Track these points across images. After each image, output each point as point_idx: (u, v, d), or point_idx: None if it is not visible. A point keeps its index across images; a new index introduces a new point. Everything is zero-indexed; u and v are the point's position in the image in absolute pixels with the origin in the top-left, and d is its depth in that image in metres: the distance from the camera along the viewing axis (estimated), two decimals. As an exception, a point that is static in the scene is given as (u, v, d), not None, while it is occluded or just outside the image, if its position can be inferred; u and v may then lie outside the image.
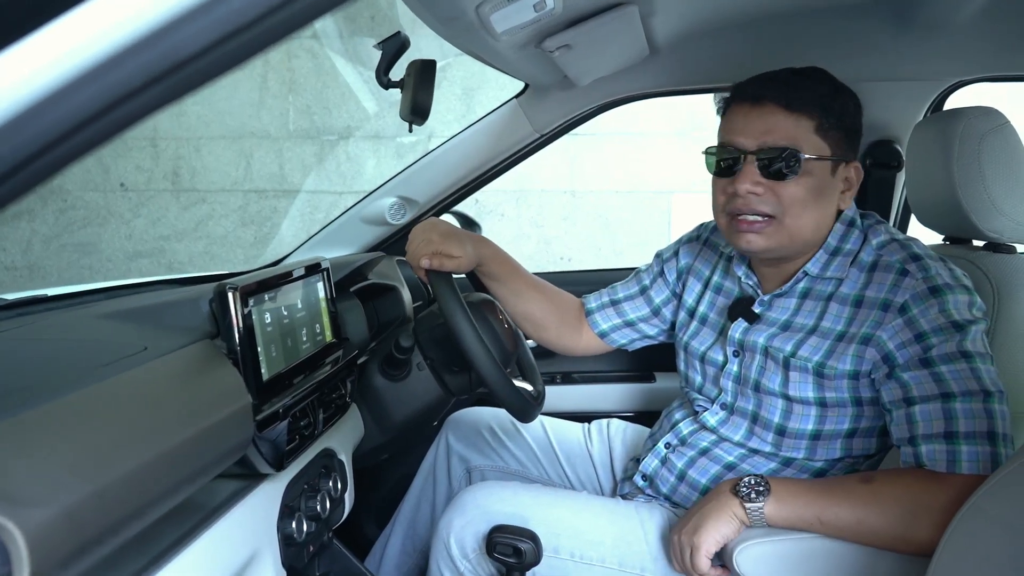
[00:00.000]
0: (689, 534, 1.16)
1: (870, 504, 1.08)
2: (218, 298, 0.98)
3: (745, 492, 1.13)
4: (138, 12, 0.38)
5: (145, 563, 0.82)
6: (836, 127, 1.22)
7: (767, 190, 1.21)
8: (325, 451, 1.25)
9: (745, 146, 1.22)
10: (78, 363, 0.81)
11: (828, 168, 1.22)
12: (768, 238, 1.23)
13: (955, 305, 1.13)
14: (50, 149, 0.39)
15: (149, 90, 0.38)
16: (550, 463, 1.66)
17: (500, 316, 1.47)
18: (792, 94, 1.21)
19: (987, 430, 1.08)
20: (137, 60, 0.37)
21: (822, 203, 1.23)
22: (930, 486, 1.08)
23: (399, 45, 1.22)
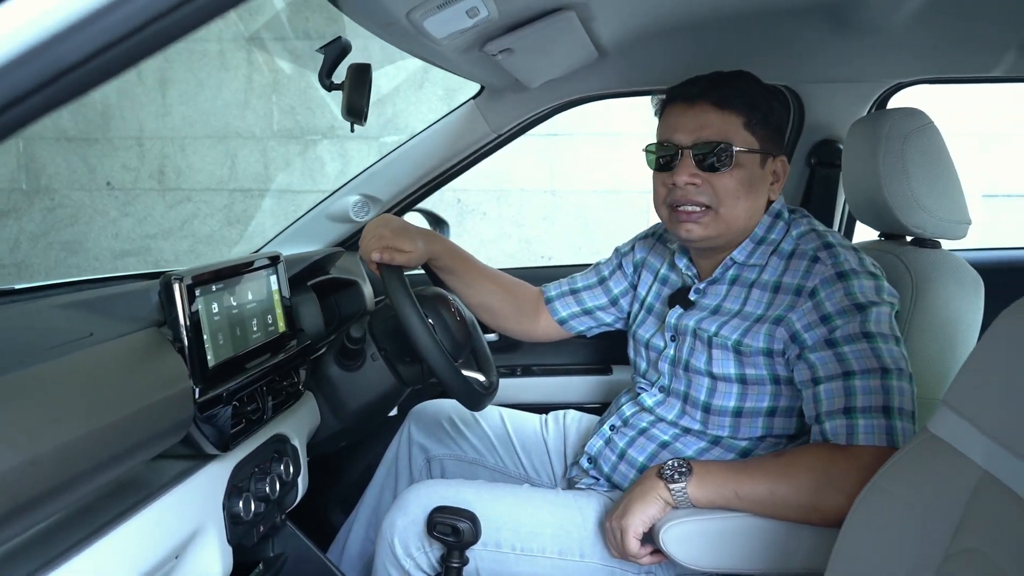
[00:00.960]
0: (618, 518, 1.23)
1: (781, 476, 1.16)
2: (164, 289, 1.04)
3: (669, 474, 1.20)
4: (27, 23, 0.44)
5: (87, 533, 0.88)
6: (762, 123, 1.31)
7: (704, 182, 1.30)
8: (277, 436, 1.31)
9: (682, 142, 1.31)
10: (25, 347, 0.87)
11: (757, 161, 1.32)
12: (706, 227, 1.31)
13: (860, 289, 1.21)
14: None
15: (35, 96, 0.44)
16: (506, 452, 1.73)
17: (452, 309, 1.53)
18: (722, 93, 1.30)
19: (883, 404, 1.15)
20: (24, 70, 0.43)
21: (753, 193, 1.32)
22: (835, 457, 1.16)
23: (340, 49, 1.28)
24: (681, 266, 1.46)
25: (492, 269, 1.64)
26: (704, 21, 1.57)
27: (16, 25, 0.43)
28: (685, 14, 1.53)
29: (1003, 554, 0.84)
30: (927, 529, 0.94)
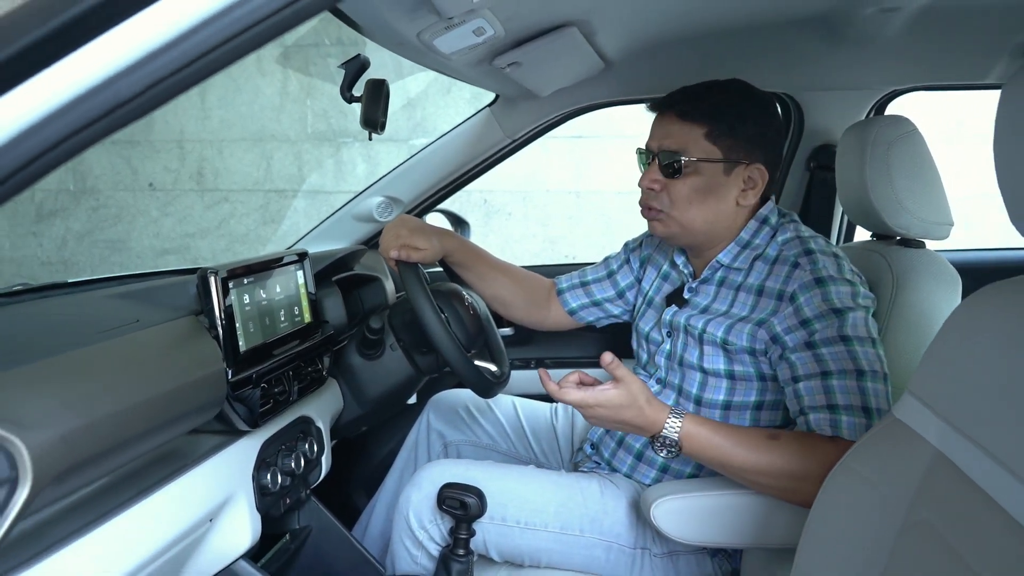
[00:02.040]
0: (595, 412, 1.25)
1: (769, 457, 1.23)
2: (201, 282, 1.17)
3: (657, 447, 1.27)
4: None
5: (133, 494, 1.01)
6: (728, 134, 1.38)
7: (662, 187, 1.40)
8: (302, 418, 1.43)
9: (652, 147, 1.43)
10: (81, 331, 1.00)
11: (720, 169, 1.39)
12: (665, 226, 1.44)
13: (837, 295, 1.29)
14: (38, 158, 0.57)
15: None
16: (518, 438, 1.84)
17: (466, 303, 1.64)
18: (685, 106, 1.39)
19: (861, 404, 1.23)
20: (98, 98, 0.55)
21: (711, 199, 1.40)
22: (824, 446, 1.22)
23: (359, 65, 1.40)
24: (679, 263, 1.55)
25: (504, 263, 1.75)
26: (704, 33, 1.66)
27: (86, 69, 0.55)
28: (687, 26, 1.62)
29: (948, 525, 0.92)
30: (886, 503, 1.03)
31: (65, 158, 0.58)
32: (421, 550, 1.45)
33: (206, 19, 0.58)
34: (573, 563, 1.43)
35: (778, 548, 1.27)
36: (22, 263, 4.78)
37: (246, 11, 0.59)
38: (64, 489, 0.85)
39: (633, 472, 1.50)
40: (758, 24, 1.65)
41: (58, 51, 0.54)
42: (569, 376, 1.27)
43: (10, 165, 0.53)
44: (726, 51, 1.75)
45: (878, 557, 1.01)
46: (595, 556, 1.42)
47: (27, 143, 0.54)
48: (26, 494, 0.73)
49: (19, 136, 0.54)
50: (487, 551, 1.44)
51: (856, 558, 1.03)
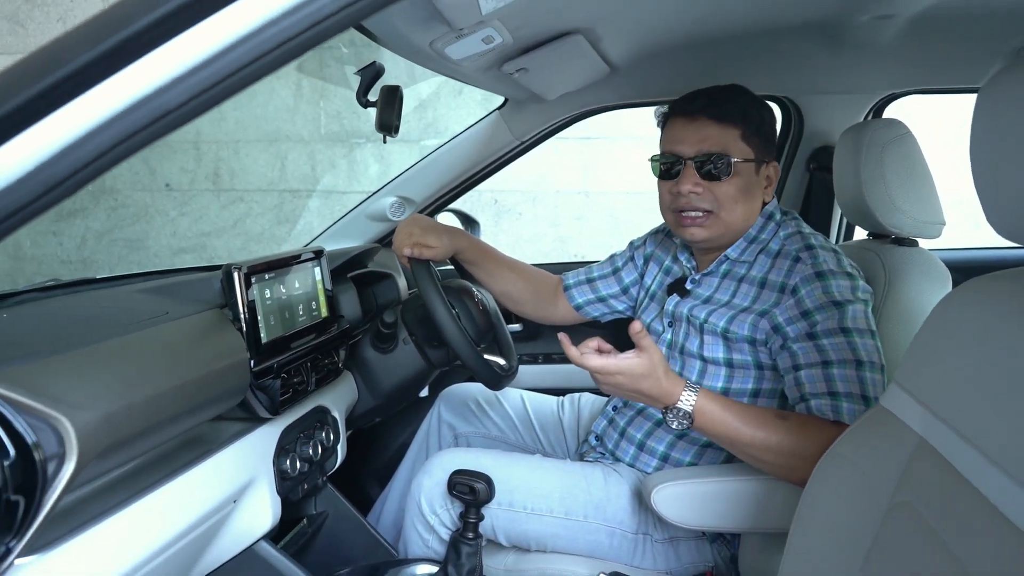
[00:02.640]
0: (614, 380, 1.25)
1: (778, 435, 1.26)
2: (225, 277, 1.24)
3: (670, 419, 1.29)
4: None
5: (162, 475, 1.08)
6: (756, 134, 1.46)
7: (705, 190, 1.45)
8: (319, 407, 1.51)
9: (684, 153, 1.46)
10: (116, 322, 1.08)
11: (753, 168, 1.46)
12: (707, 229, 1.47)
13: (837, 288, 1.35)
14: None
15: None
16: (526, 429, 1.90)
17: (476, 300, 1.71)
18: (720, 108, 1.45)
19: (860, 393, 1.29)
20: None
21: (750, 198, 1.47)
22: (827, 429, 1.24)
23: (375, 72, 1.47)
24: (683, 259, 1.61)
25: (513, 260, 1.82)
26: (707, 39, 1.71)
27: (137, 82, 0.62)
28: (689, 33, 1.68)
29: (929, 508, 0.97)
30: (872, 487, 1.08)
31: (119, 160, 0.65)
32: (432, 534, 1.51)
33: (239, 39, 0.65)
34: (577, 548, 1.49)
35: (773, 533, 1.33)
36: (43, 261, 4.87)
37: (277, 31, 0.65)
38: (105, 466, 0.92)
39: (635, 462, 1.56)
40: (758, 30, 1.70)
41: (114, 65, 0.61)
42: (589, 342, 1.27)
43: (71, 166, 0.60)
44: (728, 56, 1.81)
45: (864, 537, 1.06)
46: (599, 541, 1.48)
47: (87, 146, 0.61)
48: (72, 468, 0.80)
49: (81, 139, 0.61)
50: (495, 536, 1.51)
51: (844, 539, 1.08)
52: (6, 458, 0.70)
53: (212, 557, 1.23)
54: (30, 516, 0.75)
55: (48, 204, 0.65)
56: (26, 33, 4.58)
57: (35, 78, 0.61)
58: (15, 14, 4.58)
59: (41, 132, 0.60)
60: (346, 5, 0.62)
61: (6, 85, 0.60)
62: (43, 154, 0.62)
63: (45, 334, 1.00)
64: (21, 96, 0.59)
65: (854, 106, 1.88)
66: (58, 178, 0.63)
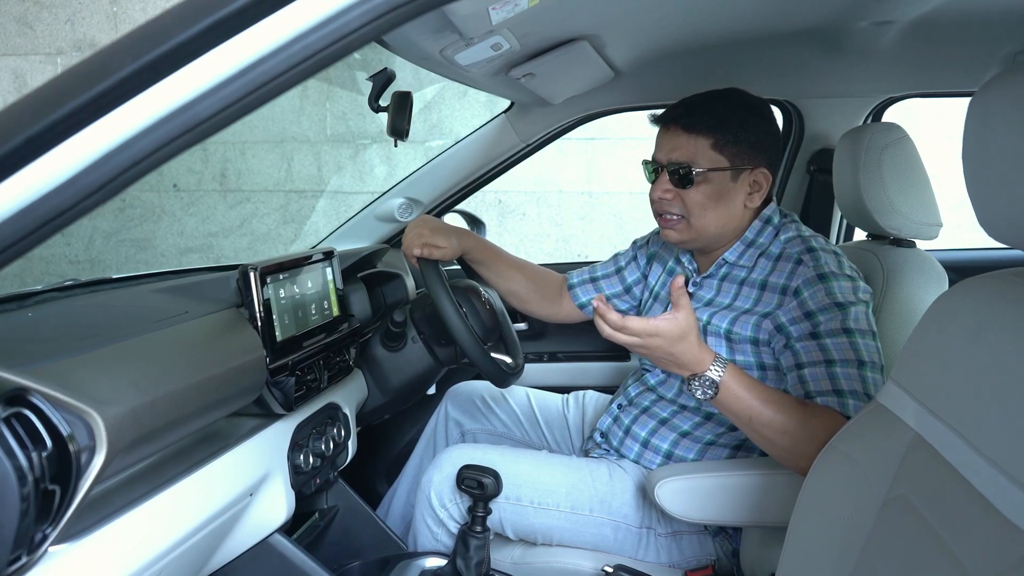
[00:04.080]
0: (652, 342, 1.25)
1: (793, 422, 1.27)
2: (242, 277, 1.28)
3: (695, 387, 1.28)
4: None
5: (183, 468, 1.12)
6: (732, 142, 1.47)
7: (675, 195, 1.49)
8: (331, 404, 1.54)
9: (660, 160, 1.52)
10: (138, 320, 1.12)
11: (727, 176, 1.48)
12: (680, 233, 1.52)
13: (839, 290, 1.38)
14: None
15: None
16: (531, 426, 1.94)
17: (483, 299, 1.75)
18: (690, 119, 1.48)
19: (863, 391, 1.32)
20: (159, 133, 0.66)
21: (722, 204, 1.49)
22: (840, 422, 1.26)
23: (386, 78, 1.51)
24: (684, 261, 1.65)
25: (519, 260, 1.86)
26: (709, 44, 1.75)
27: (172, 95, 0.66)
28: (692, 38, 1.72)
29: (924, 501, 1.01)
30: (869, 481, 1.11)
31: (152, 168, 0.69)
32: (441, 527, 1.55)
33: (268, 54, 0.68)
34: (583, 541, 1.53)
35: (774, 527, 1.36)
36: (51, 261, 4.91)
37: (303, 46, 0.69)
38: (131, 459, 0.96)
39: (640, 458, 1.60)
40: (760, 35, 1.74)
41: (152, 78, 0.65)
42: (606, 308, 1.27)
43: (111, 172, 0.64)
44: (730, 60, 1.84)
45: (860, 531, 1.09)
46: (603, 535, 1.52)
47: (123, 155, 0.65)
48: (102, 460, 0.84)
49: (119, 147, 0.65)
50: (503, 529, 1.55)
51: (841, 532, 1.11)
52: (44, 450, 0.74)
53: (229, 548, 1.27)
54: (64, 505, 0.79)
55: (83, 210, 0.68)
56: (34, 35, 4.63)
57: (75, 91, 0.65)
58: (24, 16, 4.62)
59: (82, 141, 0.64)
60: (369, 21, 0.65)
61: (49, 97, 0.64)
62: (82, 162, 0.65)
63: (71, 333, 1.04)
64: (64, 107, 0.63)
65: (854, 109, 1.91)
66: (96, 185, 0.67)
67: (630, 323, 1.24)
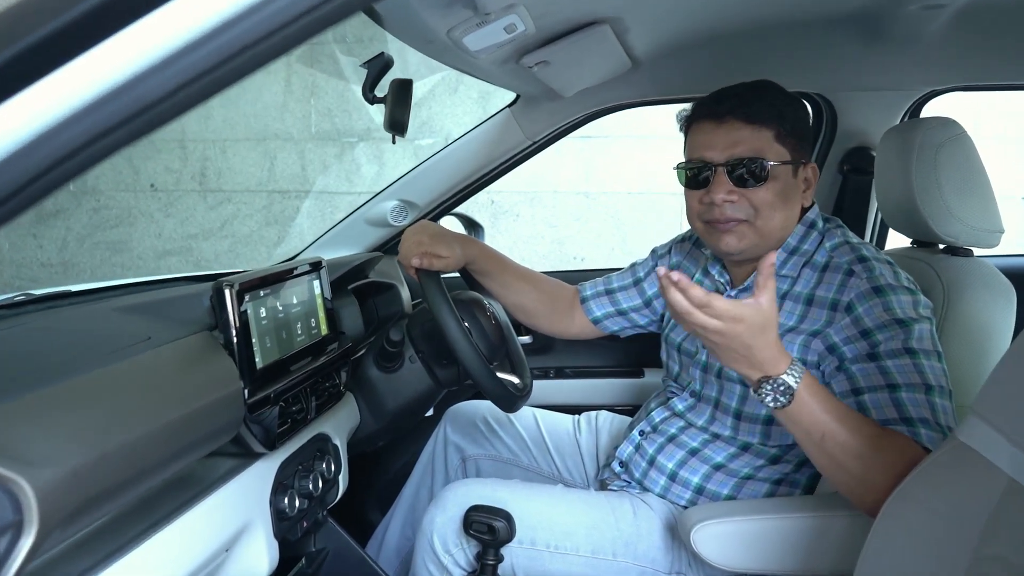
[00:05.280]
0: (733, 329, 1.04)
1: (868, 448, 1.09)
2: (216, 294, 1.09)
3: (765, 392, 1.07)
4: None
5: (145, 527, 0.93)
6: (791, 134, 1.32)
7: (740, 197, 1.31)
8: (319, 435, 1.36)
9: (714, 159, 1.32)
10: (89, 351, 0.93)
11: (790, 171, 1.33)
12: (743, 238, 1.33)
13: (898, 304, 1.21)
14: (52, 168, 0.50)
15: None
16: (540, 452, 1.76)
17: (488, 313, 1.57)
18: (751, 109, 1.31)
19: (933, 420, 1.15)
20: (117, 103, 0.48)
21: (788, 203, 1.33)
22: (917, 452, 1.09)
23: (383, 64, 1.32)
24: (714, 273, 1.48)
25: (527, 270, 1.68)
26: (737, 31, 1.59)
27: (109, 67, 0.48)
28: (718, 24, 1.55)
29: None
30: (953, 535, 0.95)
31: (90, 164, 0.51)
32: (445, 575, 1.38)
33: (239, 14, 0.51)
34: (605, 589, 1.36)
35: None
36: (22, 264, 4.70)
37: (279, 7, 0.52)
38: (72, 530, 0.78)
39: (667, 493, 1.43)
40: (793, 22, 1.58)
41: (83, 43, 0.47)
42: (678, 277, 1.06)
43: (24, 175, 0.46)
44: (757, 50, 1.68)
45: (945, 594, 0.94)
46: (628, 582, 1.35)
47: (43, 149, 0.46)
48: (32, 540, 0.66)
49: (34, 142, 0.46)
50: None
51: (920, 594, 0.96)
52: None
53: (201, 613, 1.09)
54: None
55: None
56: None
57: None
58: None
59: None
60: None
61: None
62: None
63: (3, 369, 0.85)
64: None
65: (892, 104, 1.75)
66: (19, 181, 0.49)
67: (716, 302, 1.02)
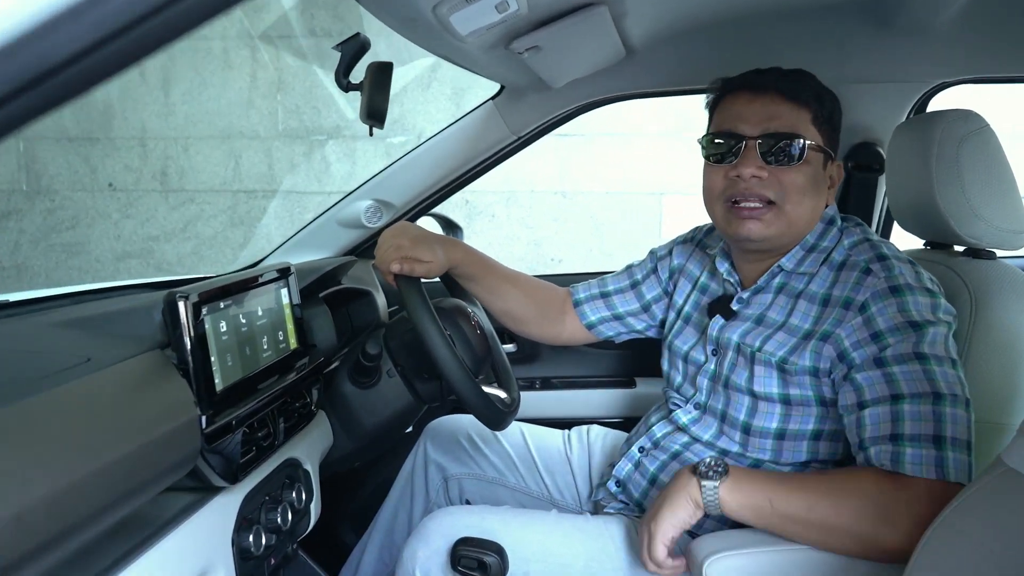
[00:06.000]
0: (648, 522, 1.15)
1: (822, 493, 1.07)
2: (168, 308, 0.95)
3: (703, 470, 1.12)
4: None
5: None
6: (827, 121, 1.26)
7: (770, 175, 1.22)
8: (289, 461, 1.23)
9: (747, 132, 1.23)
10: (18, 375, 0.79)
11: (822, 160, 1.25)
12: (768, 225, 1.23)
13: (915, 306, 1.12)
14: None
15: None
16: (528, 471, 1.64)
17: (473, 322, 1.45)
18: (792, 85, 1.24)
19: (933, 433, 1.06)
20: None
21: (817, 194, 1.25)
22: (882, 484, 1.06)
23: (358, 47, 1.18)
24: (723, 271, 1.37)
25: (514, 272, 1.56)
26: (738, 18, 1.48)
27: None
28: (722, 10, 1.45)
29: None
30: (1005, 571, 0.85)
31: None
32: (429, 614, 1.25)
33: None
34: (605, 626, 1.24)
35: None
36: (-29, 268, 4.48)
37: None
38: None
39: (671, 517, 1.31)
40: (796, 10, 1.48)
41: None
42: None
43: None
44: (757, 40, 1.58)
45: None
46: (630, 617, 1.23)
47: None
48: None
49: None
50: (506, 614, 1.24)
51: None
52: None
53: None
54: None
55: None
56: None
57: None
58: None
59: None
60: None
61: None
62: None
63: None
64: None
65: (900, 97, 1.65)
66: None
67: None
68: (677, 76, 1.69)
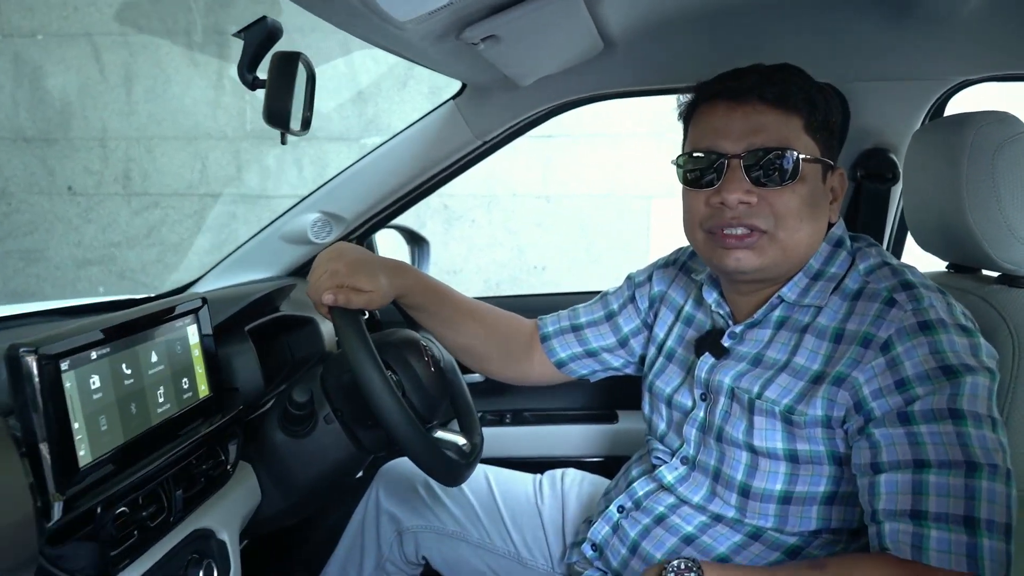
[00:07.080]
0: None
1: None
2: (8, 365, 0.74)
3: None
4: None
5: None
6: (823, 126, 1.05)
7: (760, 199, 1.02)
8: (197, 532, 1.02)
9: (728, 150, 1.03)
10: None
11: (820, 173, 1.05)
12: (760, 254, 1.03)
13: (950, 346, 0.92)
14: None
15: None
16: (493, 523, 1.44)
17: (425, 358, 1.24)
18: (778, 89, 1.03)
19: (964, 513, 0.86)
20: None
21: (816, 213, 1.05)
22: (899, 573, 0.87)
23: (266, 34, 0.97)
24: (710, 302, 1.17)
25: (474, 302, 1.35)
26: (734, 6, 1.29)
27: None
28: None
29: None
30: None
31: None
32: None
33: None
34: None
35: None
36: (-79, 277, 4.27)
37: None
38: None
39: (654, 590, 1.11)
40: None
41: None
42: None
43: None
44: (754, 32, 1.39)
45: None
46: None
47: None
48: None
49: None
50: None
51: None
52: None
53: None
54: None
55: None
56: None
57: None
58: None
59: None
60: None
61: None
62: None
63: None
64: None
65: (917, 97, 1.45)
66: None
67: None
68: (663, 73, 1.49)
